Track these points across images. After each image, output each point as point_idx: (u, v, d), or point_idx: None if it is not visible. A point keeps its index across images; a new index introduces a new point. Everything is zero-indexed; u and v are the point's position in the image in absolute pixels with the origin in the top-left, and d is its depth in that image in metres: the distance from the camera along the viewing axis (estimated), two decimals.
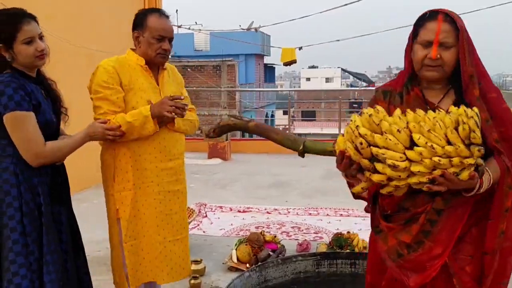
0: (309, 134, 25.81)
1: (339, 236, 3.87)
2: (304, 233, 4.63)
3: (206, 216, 5.15)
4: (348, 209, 5.33)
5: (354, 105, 25.86)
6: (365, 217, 5.00)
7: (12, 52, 2.04)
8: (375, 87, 1.96)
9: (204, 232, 4.62)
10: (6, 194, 2.01)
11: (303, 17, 13.15)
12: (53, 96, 2.21)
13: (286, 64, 13.39)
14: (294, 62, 13.26)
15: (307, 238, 4.36)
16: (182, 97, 2.49)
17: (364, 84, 39.78)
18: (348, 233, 3.93)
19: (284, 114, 26.09)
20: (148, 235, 2.48)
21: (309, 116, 30.87)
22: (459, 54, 1.65)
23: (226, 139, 8.63)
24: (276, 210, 5.41)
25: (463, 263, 1.68)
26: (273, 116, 26.55)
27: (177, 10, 24.95)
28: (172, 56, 21.96)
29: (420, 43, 1.68)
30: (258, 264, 3.18)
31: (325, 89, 40.87)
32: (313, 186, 6.61)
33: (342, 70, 48.03)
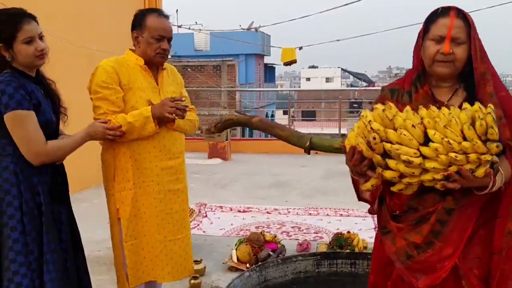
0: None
1: (339, 236, 3.87)
2: (304, 233, 4.62)
3: (206, 216, 5.15)
4: (348, 209, 5.33)
5: (354, 105, 25.89)
6: (365, 217, 5.00)
7: (12, 51, 2.04)
8: (382, 86, 1.89)
9: (204, 232, 4.62)
10: (6, 193, 2.01)
11: (303, 17, 13.18)
12: (52, 96, 2.21)
13: (286, 64, 13.40)
14: (294, 62, 13.26)
15: (307, 238, 4.36)
16: (183, 98, 2.50)
17: (364, 84, 39.82)
18: (348, 233, 3.93)
19: (284, 114, 26.07)
20: (148, 235, 2.48)
21: (309, 116, 30.85)
22: (471, 50, 1.64)
23: (226, 139, 8.63)
24: (276, 210, 5.40)
25: (471, 265, 1.65)
26: (273, 116, 26.55)
27: (177, 10, 25.03)
28: (172, 56, 22.01)
29: (432, 39, 1.65)
30: (258, 264, 3.18)
31: (325, 89, 40.86)
32: (313, 186, 6.61)
33: (342, 70, 48.02)
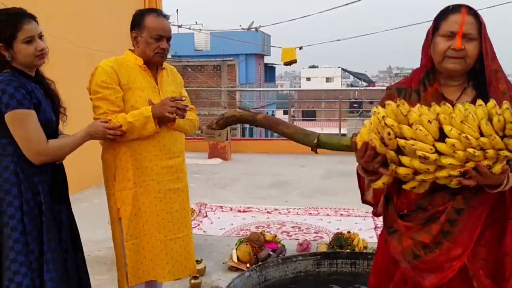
0: None
1: (340, 235, 3.86)
2: (304, 232, 4.62)
3: (207, 216, 5.15)
4: (348, 209, 5.32)
5: (355, 105, 25.86)
6: (365, 217, 5.00)
7: (12, 51, 2.04)
8: (388, 85, 1.87)
9: (204, 232, 4.62)
10: (6, 193, 2.01)
11: (304, 16, 13.18)
12: (52, 95, 2.21)
13: (286, 64, 13.40)
14: (295, 62, 13.26)
15: (308, 237, 4.36)
16: (183, 98, 2.50)
17: (364, 84, 39.81)
18: (348, 232, 3.93)
19: (284, 114, 26.06)
20: (149, 234, 2.48)
21: (309, 116, 30.83)
22: (482, 48, 1.63)
23: (227, 139, 8.62)
24: (276, 210, 5.40)
25: (478, 266, 1.63)
26: (273, 116, 26.53)
27: (177, 10, 25.02)
28: (172, 56, 22.00)
29: (442, 35, 1.64)
30: (258, 263, 3.18)
31: (325, 89, 40.87)
32: (313, 186, 6.61)
33: (343, 70, 48.02)
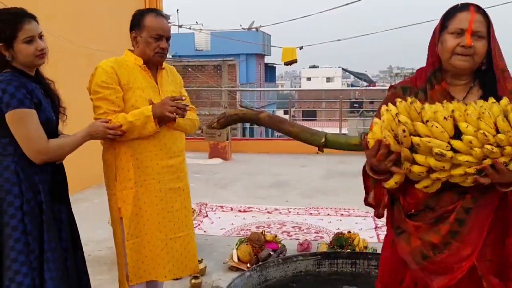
0: None
1: (340, 235, 3.86)
2: (304, 232, 4.62)
3: (207, 215, 5.15)
4: (349, 208, 5.32)
5: (355, 104, 25.87)
6: (365, 216, 5.00)
7: (12, 51, 2.04)
8: (390, 85, 1.81)
9: (205, 231, 4.62)
10: (7, 193, 2.01)
11: (304, 16, 13.19)
12: (51, 95, 2.21)
13: (287, 63, 13.40)
14: (295, 61, 13.26)
15: (308, 237, 4.36)
16: (183, 97, 2.51)
17: (365, 83, 39.82)
18: (349, 232, 3.93)
19: (285, 113, 26.04)
20: (150, 233, 2.49)
21: (309, 115, 30.81)
22: (491, 46, 1.62)
23: (227, 139, 8.62)
24: (276, 209, 5.40)
25: (485, 266, 1.60)
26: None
27: (177, 10, 24.99)
28: (173, 56, 21.96)
29: (451, 33, 1.62)
30: (258, 263, 3.18)
31: (325, 88, 40.85)
32: (313, 186, 6.61)
33: (343, 69, 48.03)
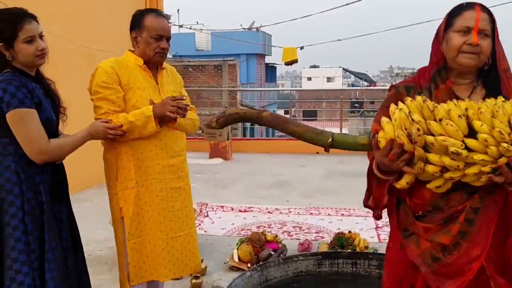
0: None
1: (341, 235, 3.86)
2: (305, 232, 4.62)
3: (208, 215, 5.15)
4: (349, 208, 5.32)
5: (356, 104, 25.85)
6: (366, 216, 4.99)
7: (12, 51, 2.04)
8: (392, 84, 1.78)
9: (205, 231, 4.62)
10: (8, 193, 2.01)
11: (304, 16, 13.17)
12: (52, 95, 2.22)
13: (287, 63, 13.38)
14: (296, 61, 13.25)
15: (309, 237, 4.36)
16: (184, 97, 2.51)
17: (365, 83, 39.81)
18: (349, 232, 3.93)
19: (285, 113, 26.04)
20: (151, 233, 2.49)
21: (310, 115, 30.79)
22: (495, 46, 1.62)
23: (227, 139, 8.62)
24: (277, 209, 5.40)
25: (492, 266, 1.59)
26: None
27: (178, 10, 24.98)
28: (173, 55, 21.94)
29: (457, 31, 1.61)
30: (259, 263, 3.18)
31: (326, 88, 40.86)
32: (313, 186, 6.61)
33: (344, 69, 48.05)
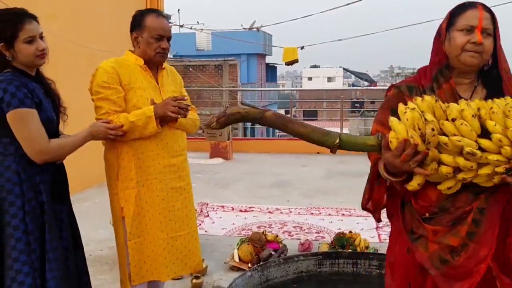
0: None
1: (341, 235, 3.86)
2: (306, 232, 4.62)
3: (208, 215, 5.15)
4: (350, 208, 5.32)
5: (356, 104, 25.85)
6: (367, 216, 4.98)
7: (13, 51, 2.04)
8: (393, 84, 1.77)
9: (206, 231, 4.61)
10: (8, 193, 2.01)
11: (305, 16, 13.13)
12: (52, 95, 2.22)
13: (288, 63, 13.38)
14: (296, 61, 13.24)
15: (309, 237, 4.36)
16: (185, 97, 2.51)
17: (366, 83, 39.80)
18: (350, 232, 3.93)
19: (286, 113, 26.03)
20: (152, 233, 2.49)
21: (311, 115, 30.80)
22: (497, 45, 1.61)
23: (228, 139, 8.62)
24: (278, 209, 5.40)
25: (497, 266, 1.58)
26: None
27: (179, 10, 24.98)
28: (174, 55, 21.92)
29: (460, 29, 1.60)
30: (260, 263, 3.18)
31: (327, 88, 40.87)
32: (314, 186, 6.60)
33: (344, 69, 48.05)
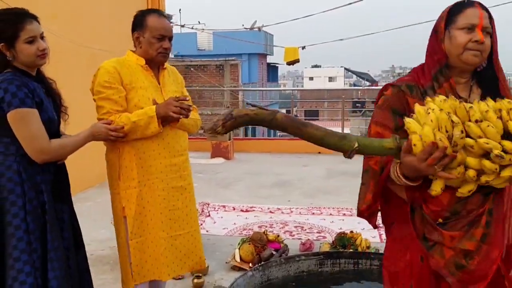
0: None
1: (342, 235, 3.86)
2: (307, 232, 4.62)
3: (209, 215, 5.15)
4: (351, 208, 5.31)
5: (357, 104, 25.83)
6: None
7: (13, 51, 2.05)
8: (390, 83, 1.72)
9: (207, 231, 4.61)
10: (9, 193, 2.02)
11: (306, 16, 13.11)
12: (53, 95, 2.22)
13: (289, 63, 13.38)
14: (297, 61, 13.24)
15: (310, 237, 4.36)
16: (187, 98, 2.52)
17: (367, 83, 39.76)
18: (351, 232, 3.92)
19: (287, 113, 26.00)
20: (153, 232, 2.49)
21: (312, 115, 30.80)
22: (493, 44, 1.60)
23: (229, 139, 8.62)
24: (279, 209, 5.39)
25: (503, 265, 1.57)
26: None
27: (180, 10, 25.03)
28: (175, 55, 21.93)
29: (461, 28, 1.58)
30: (261, 263, 3.18)
31: (328, 88, 40.89)
32: (315, 185, 6.60)
33: (345, 69, 47.97)
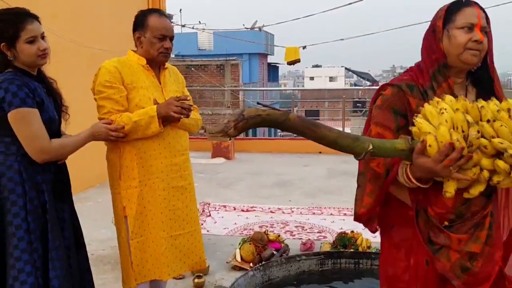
0: None
1: (343, 235, 3.86)
2: (307, 232, 4.62)
3: (210, 215, 5.15)
4: (352, 208, 5.30)
5: (358, 104, 25.78)
6: None
7: (14, 50, 2.05)
8: (388, 83, 1.71)
9: (208, 231, 4.61)
10: (10, 192, 2.02)
11: (307, 16, 13.11)
12: (54, 94, 2.22)
13: (290, 63, 13.38)
14: (298, 61, 13.24)
15: (311, 237, 4.36)
16: (188, 97, 2.52)
17: (368, 83, 39.74)
18: (352, 232, 3.92)
19: None
20: (154, 232, 2.49)
21: (312, 115, 30.77)
22: (489, 44, 1.59)
23: (230, 138, 8.60)
24: (279, 209, 5.39)
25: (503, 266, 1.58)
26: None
27: (180, 10, 25.02)
28: (176, 55, 21.92)
29: (460, 27, 1.56)
30: (262, 263, 3.19)
31: (328, 88, 40.86)
32: (316, 185, 6.60)
33: (346, 69, 47.97)
